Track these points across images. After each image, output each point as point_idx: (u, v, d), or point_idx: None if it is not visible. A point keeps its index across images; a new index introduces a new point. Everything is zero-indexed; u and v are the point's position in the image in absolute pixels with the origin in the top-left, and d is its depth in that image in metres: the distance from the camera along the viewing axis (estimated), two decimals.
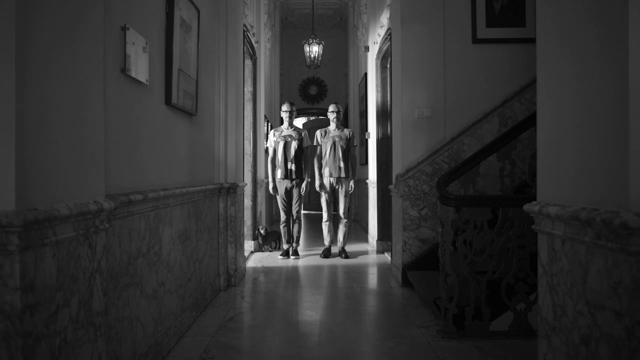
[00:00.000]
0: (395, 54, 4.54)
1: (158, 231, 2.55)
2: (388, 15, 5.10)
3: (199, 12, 3.31)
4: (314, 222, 9.33)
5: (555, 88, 1.67)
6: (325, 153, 5.79)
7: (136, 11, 2.32)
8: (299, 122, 12.05)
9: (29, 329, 1.30)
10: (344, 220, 5.77)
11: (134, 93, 2.29)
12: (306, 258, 5.73)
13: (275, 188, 5.76)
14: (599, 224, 1.32)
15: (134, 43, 2.21)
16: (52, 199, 1.42)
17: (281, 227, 5.85)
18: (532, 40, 2.42)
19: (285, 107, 5.83)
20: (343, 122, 5.79)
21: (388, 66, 5.70)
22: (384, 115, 6.03)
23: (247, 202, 5.87)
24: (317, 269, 5.13)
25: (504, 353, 2.68)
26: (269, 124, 8.51)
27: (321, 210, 5.92)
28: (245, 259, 5.17)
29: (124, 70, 2.13)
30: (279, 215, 5.96)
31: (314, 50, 8.88)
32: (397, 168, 4.42)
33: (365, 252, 6.13)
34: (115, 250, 2.01)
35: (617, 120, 1.30)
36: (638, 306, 1.24)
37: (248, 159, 6.02)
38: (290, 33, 11.26)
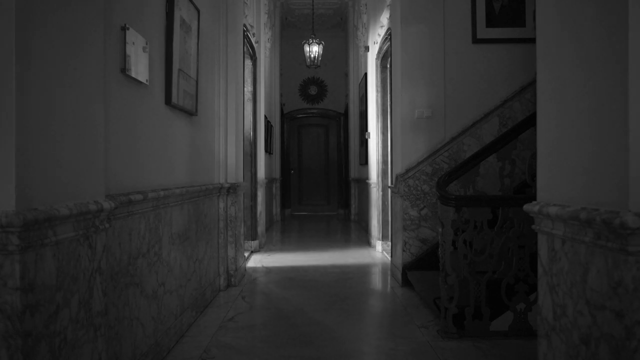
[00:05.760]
0: (395, 54, 4.54)
1: (158, 231, 2.55)
2: (388, 15, 5.10)
3: (199, 12, 3.31)
4: (312, 222, 9.34)
5: (555, 88, 1.67)
6: None
7: (136, 11, 2.32)
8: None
9: (29, 329, 1.30)
10: None
11: (134, 93, 2.29)
12: (306, 258, 5.74)
13: None
14: (599, 224, 1.32)
15: (134, 43, 2.21)
16: (52, 199, 1.42)
17: None
18: (532, 40, 2.42)
19: None
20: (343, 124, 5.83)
21: (388, 66, 5.70)
22: (384, 115, 6.03)
23: (247, 202, 5.87)
24: (317, 269, 5.13)
25: (504, 353, 2.68)
26: (270, 123, 8.50)
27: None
28: (245, 259, 5.17)
29: (124, 70, 2.13)
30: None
31: (314, 50, 8.87)
32: (397, 168, 4.42)
33: (366, 252, 6.13)
34: (115, 250, 2.01)
35: (617, 120, 1.30)
36: (638, 306, 1.24)
37: (248, 159, 6.02)
38: (290, 33, 11.25)
